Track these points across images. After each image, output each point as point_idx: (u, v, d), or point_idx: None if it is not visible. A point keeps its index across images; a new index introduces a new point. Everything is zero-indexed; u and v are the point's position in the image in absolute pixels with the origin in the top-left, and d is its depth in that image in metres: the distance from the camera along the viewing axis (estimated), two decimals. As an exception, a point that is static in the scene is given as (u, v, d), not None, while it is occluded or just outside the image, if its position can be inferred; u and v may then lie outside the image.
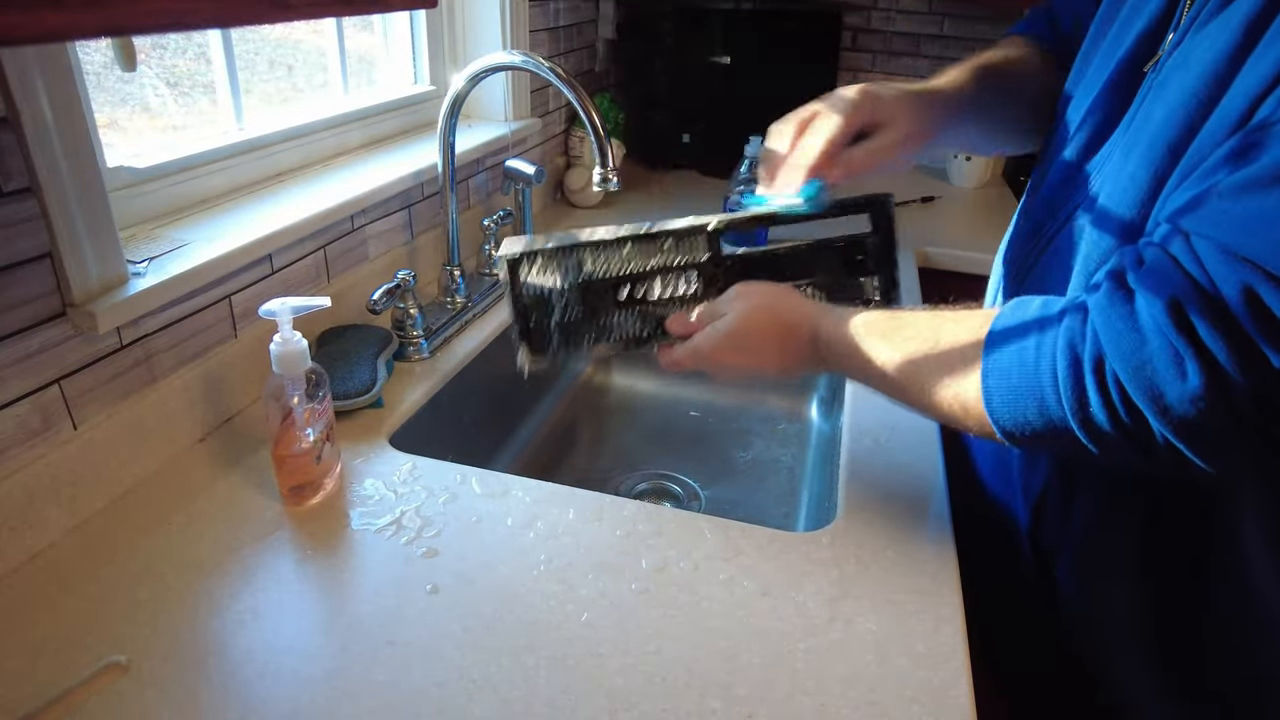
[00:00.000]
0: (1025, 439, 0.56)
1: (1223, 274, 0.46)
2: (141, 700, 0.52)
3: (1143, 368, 0.49)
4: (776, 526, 0.70)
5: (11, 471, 0.61)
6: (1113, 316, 0.51)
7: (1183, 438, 0.48)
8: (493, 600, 0.61)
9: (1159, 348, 0.48)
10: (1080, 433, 0.52)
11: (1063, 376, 0.52)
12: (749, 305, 0.69)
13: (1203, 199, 0.49)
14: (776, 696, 0.54)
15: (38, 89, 0.59)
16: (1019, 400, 0.55)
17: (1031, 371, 0.54)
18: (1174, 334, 0.47)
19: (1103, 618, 0.68)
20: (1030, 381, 0.54)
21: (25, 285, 0.61)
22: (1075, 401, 0.52)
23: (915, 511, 0.72)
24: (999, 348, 0.57)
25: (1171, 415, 0.48)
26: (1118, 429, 0.50)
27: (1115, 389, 0.50)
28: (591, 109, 0.87)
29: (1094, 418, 0.51)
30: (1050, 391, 0.53)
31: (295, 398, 0.66)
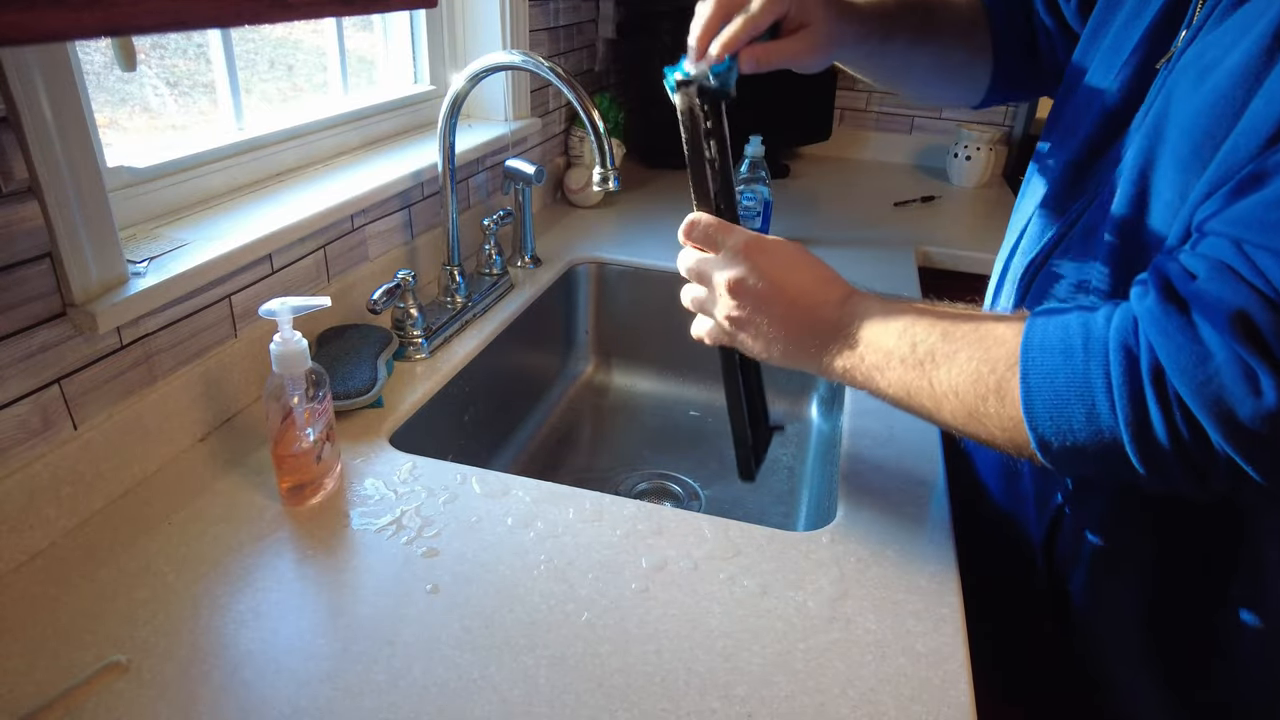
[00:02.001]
0: (1062, 451, 0.52)
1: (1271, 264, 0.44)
2: (141, 700, 0.52)
3: (1208, 384, 0.46)
4: (776, 526, 0.70)
5: (11, 471, 0.61)
6: (1170, 329, 0.48)
7: (1249, 456, 0.46)
8: (493, 600, 0.61)
9: (1226, 362, 0.45)
10: (1132, 447, 0.49)
11: (1118, 385, 0.49)
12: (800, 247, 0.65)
13: (1252, 207, 0.47)
14: (776, 696, 0.54)
15: (38, 89, 0.59)
16: (1064, 405, 0.51)
17: (1080, 376, 0.51)
18: (1243, 349, 0.45)
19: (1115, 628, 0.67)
20: (1078, 387, 0.51)
21: (25, 285, 0.61)
22: (1133, 413, 0.49)
23: (915, 511, 0.72)
24: (1040, 349, 0.53)
25: (1243, 433, 0.45)
26: (1176, 446, 0.48)
27: (1177, 405, 0.47)
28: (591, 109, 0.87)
29: (1153, 432, 0.48)
30: (1103, 399, 0.50)
31: (295, 397, 0.66)
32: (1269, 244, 0.46)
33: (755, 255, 0.62)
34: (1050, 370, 0.52)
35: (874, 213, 1.62)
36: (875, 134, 2.05)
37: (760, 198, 1.34)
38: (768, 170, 1.35)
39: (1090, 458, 0.51)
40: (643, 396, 1.28)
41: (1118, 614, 0.67)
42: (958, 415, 0.57)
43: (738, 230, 0.63)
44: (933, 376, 0.57)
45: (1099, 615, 0.68)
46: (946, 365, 0.56)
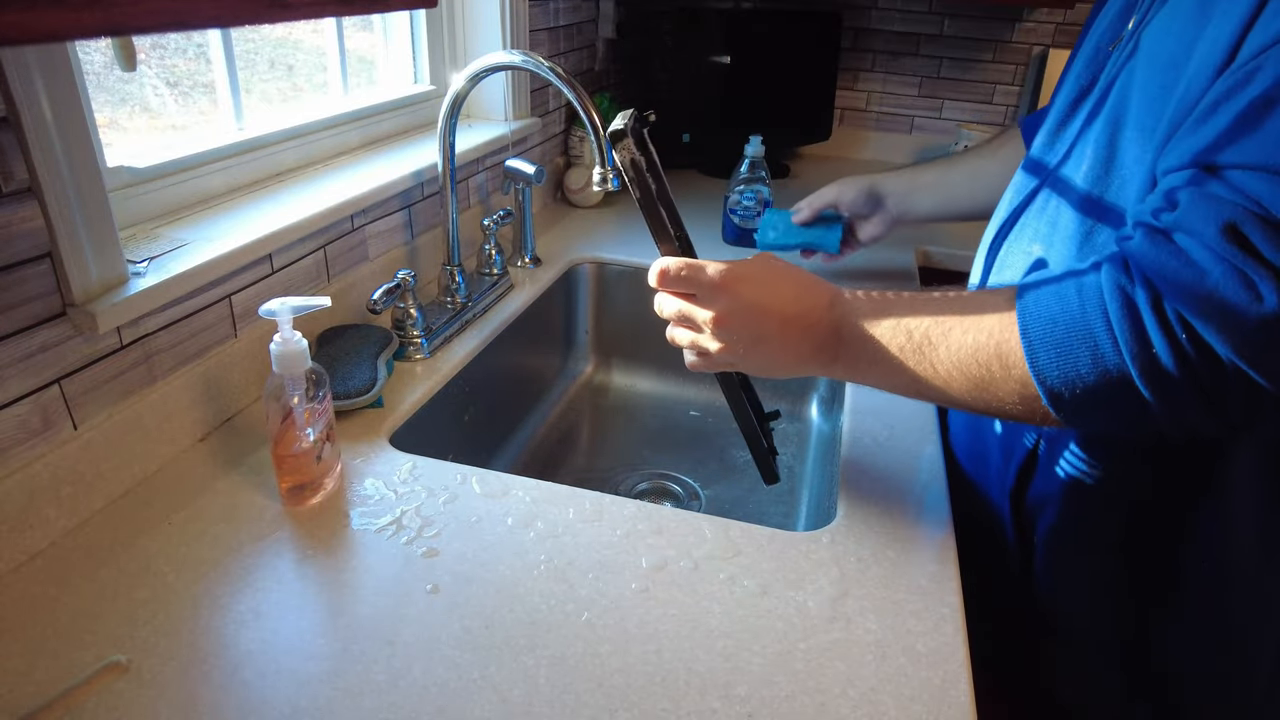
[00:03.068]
0: (1074, 401, 0.53)
1: (1269, 193, 0.46)
2: (141, 700, 0.52)
3: (1210, 298, 0.47)
4: (776, 526, 0.70)
5: (11, 471, 0.61)
6: (1162, 255, 0.49)
7: (1256, 362, 0.47)
8: (493, 600, 0.61)
9: (1224, 275, 0.47)
10: (1140, 379, 0.50)
11: (1117, 320, 0.50)
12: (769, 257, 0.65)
13: (1214, 133, 0.49)
14: (776, 696, 0.54)
15: (38, 89, 0.59)
16: (1068, 351, 0.52)
17: (1079, 320, 0.52)
18: (1238, 258, 0.46)
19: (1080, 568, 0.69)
20: (1079, 331, 0.52)
21: (25, 285, 0.61)
22: (1136, 344, 0.50)
23: (915, 511, 0.72)
24: (1035, 301, 0.54)
25: (1249, 340, 0.47)
26: (1184, 368, 0.49)
27: (1179, 325, 0.49)
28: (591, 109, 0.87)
29: (1158, 359, 0.49)
30: (1104, 337, 0.51)
31: (295, 398, 0.66)
32: (1240, 161, 0.48)
33: (734, 285, 0.62)
34: (1049, 321, 0.53)
35: (874, 213, 1.62)
36: (875, 134, 2.05)
37: (760, 198, 1.34)
38: (768, 170, 1.35)
39: (1102, 403, 0.52)
40: (643, 396, 1.28)
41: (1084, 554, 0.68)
42: (967, 391, 0.57)
43: (708, 266, 0.63)
44: (934, 359, 0.58)
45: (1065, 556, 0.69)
46: (944, 344, 0.57)
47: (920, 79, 1.98)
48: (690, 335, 0.66)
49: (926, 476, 0.77)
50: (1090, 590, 0.69)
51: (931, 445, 0.82)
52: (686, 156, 1.82)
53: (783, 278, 0.63)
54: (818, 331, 0.62)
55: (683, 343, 0.67)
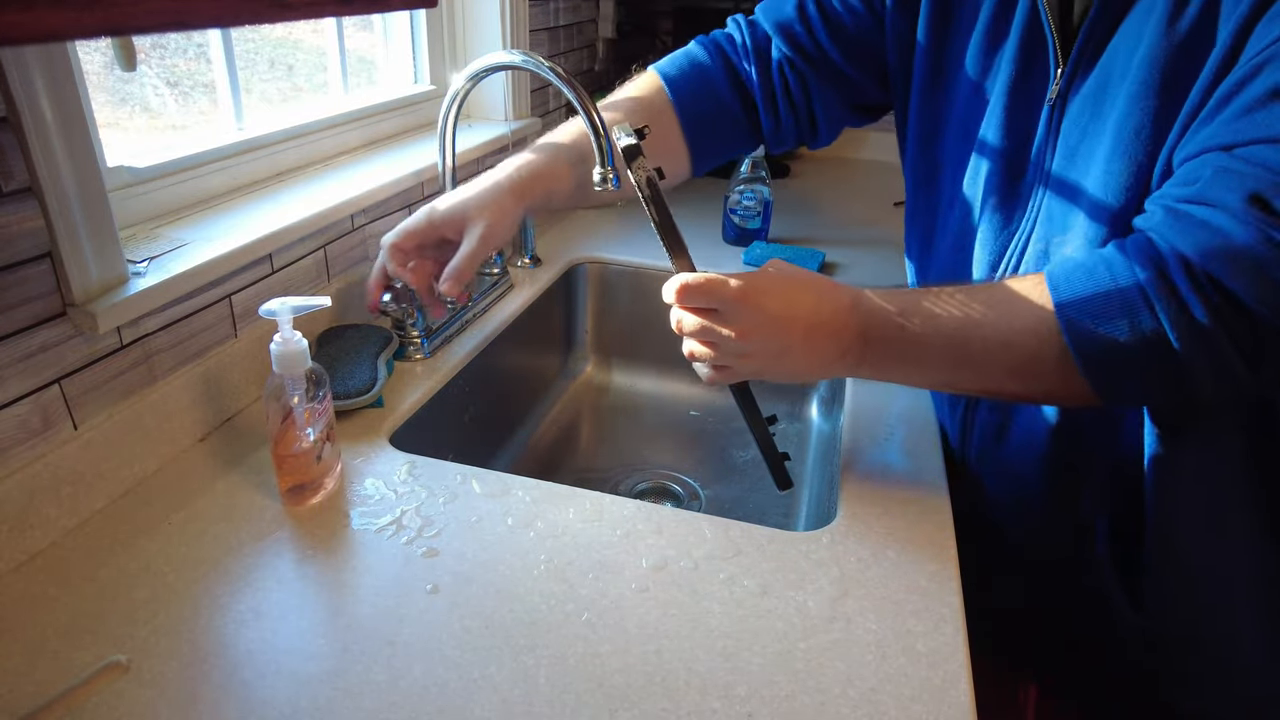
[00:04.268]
0: (1114, 373, 0.54)
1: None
2: (141, 700, 0.52)
3: (1239, 258, 0.49)
4: (776, 526, 0.70)
5: (11, 471, 0.61)
6: (1187, 227, 0.52)
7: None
8: (493, 600, 0.61)
9: (1251, 237, 0.49)
10: (1180, 342, 0.51)
11: (1151, 288, 0.52)
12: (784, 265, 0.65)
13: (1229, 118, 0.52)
14: (776, 696, 0.54)
15: (38, 89, 0.59)
16: (1106, 322, 0.53)
17: (1113, 292, 0.53)
18: (1264, 220, 0.49)
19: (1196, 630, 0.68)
20: (1115, 302, 0.53)
21: (25, 285, 0.61)
22: (1173, 308, 0.51)
23: (915, 511, 0.72)
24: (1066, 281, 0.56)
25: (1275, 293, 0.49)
26: (1221, 326, 0.50)
27: (1211, 286, 0.50)
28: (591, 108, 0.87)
29: (1196, 319, 0.51)
30: (1140, 305, 0.52)
31: (295, 397, 0.66)
32: (1257, 136, 0.50)
33: (756, 299, 0.62)
34: (1083, 297, 0.54)
35: (874, 213, 1.62)
36: (875, 134, 2.05)
37: (760, 198, 1.34)
38: (768, 170, 1.35)
39: (1140, 371, 0.54)
40: (643, 396, 1.28)
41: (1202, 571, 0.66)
42: (1005, 377, 0.58)
43: (729, 280, 0.63)
44: (968, 350, 0.58)
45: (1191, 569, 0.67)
46: (978, 334, 0.58)
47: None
48: (708, 352, 0.65)
49: (926, 476, 0.77)
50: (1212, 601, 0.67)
51: (932, 445, 0.82)
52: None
53: (803, 286, 0.63)
54: (843, 336, 0.62)
55: (702, 357, 0.66)
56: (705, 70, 0.86)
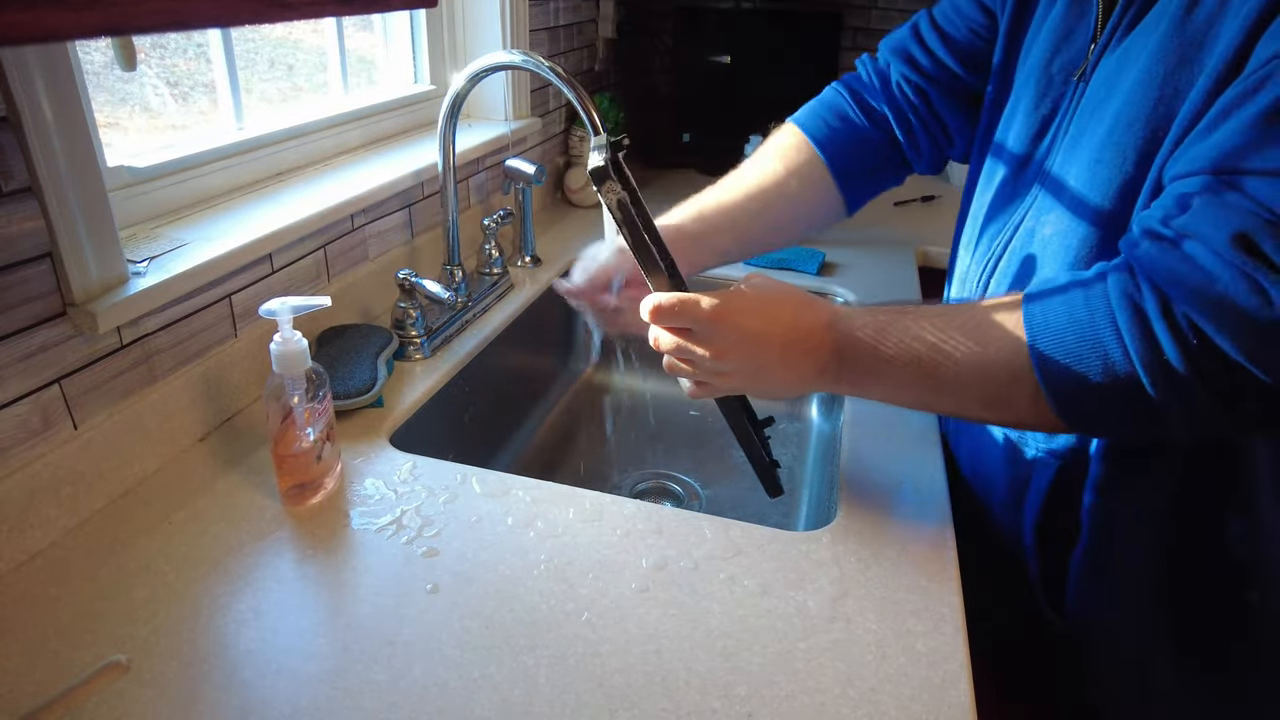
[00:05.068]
0: (1084, 410, 0.54)
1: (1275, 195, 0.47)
2: (141, 700, 0.52)
3: (1219, 302, 0.48)
4: (776, 526, 0.70)
5: (11, 471, 0.61)
6: (1171, 261, 0.50)
7: (1267, 364, 0.48)
8: (493, 599, 0.61)
9: (1233, 279, 0.48)
10: (1151, 384, 0.50)
11: (1126, 328, 0.51)
12: (762, 281, 0.65)
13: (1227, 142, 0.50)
14: (776, 696, 0.54)
15: (38, 89, 0.59)
16: (1079, 360, 0.52)
17: (1087, 329, 0.52)
18: (1247, 264, 0.47)
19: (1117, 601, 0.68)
20: (1088, 339, 0.52)
21: (25, 285, 0.61)
22: (1146, 349, 0.50)
23: (915, 511, 0.72)
24: (1042, 313, 0.55)
25: (1259, 342, 0.47)
26: (1194, 370, 0.49)
27: (1189, 329, 0.49)
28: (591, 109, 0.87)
29: (1168, 361, 0.50)
30: (1114, 345, 0.51)
31: (295, 397, 0.66)
32: (1253, 167, 0.48)
33: (730, 318, 0.61)
34: (1057, 331, 0.53)
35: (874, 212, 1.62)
36: (875, 134, 2.05)
37: (760, 197, 1.33)
38: (768, 170, 1.35)
39: (1113, 410, 0.53)
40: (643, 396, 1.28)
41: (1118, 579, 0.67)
42: (977, 404, 0.58)
43: (701, 300, 0.62)
44: (941, 375, 0.58)
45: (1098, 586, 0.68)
46: (951, 361, 0.57)
47: None
48: (687, 369, 0.65)
49: (926, 476, 0.77)
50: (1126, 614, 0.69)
51: (932, 446, 0.82)
52: (686, 156, 1.82)
53: (779, 303, 0.63)
54: (820, 354, 0.62)
55: (682, 374, 0.66)
56: (837, 106, 0.88)
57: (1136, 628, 0.68)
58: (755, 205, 0.83)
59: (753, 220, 0.84)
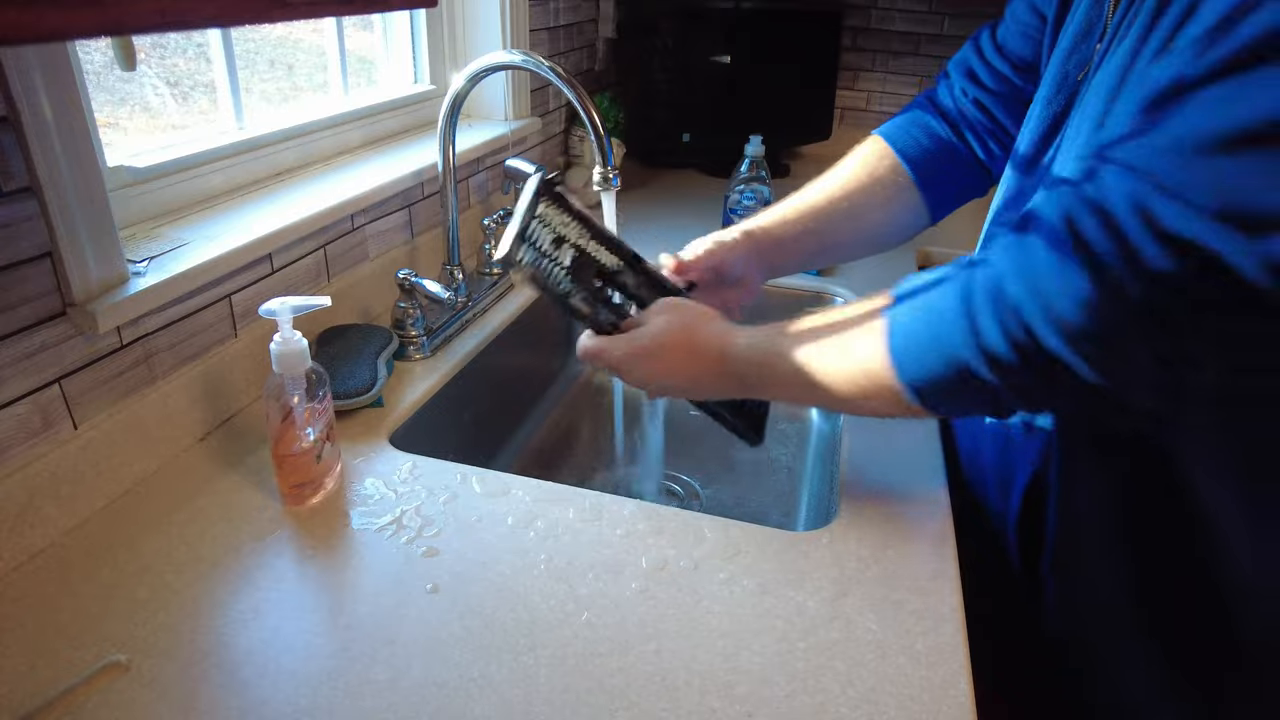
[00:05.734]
0: (932, 390, 0.57)
1: (1115, 185, 0.48)
2: (141, 700, 0.52)
3: (1034, 279, 0.50)
4: (776, 526, 0.70)
5: (11, 471, 0.61)
6: (1009, 243, 0.53)
7: (1076, 349, 0.49)
8: (493, 599, 0.61)
9: (1048, 258, 0.50)
10: (979, 363, 0.53)
11: (959, 313, 0.54)
12: (667, 321, 0.70)
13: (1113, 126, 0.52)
14: (776, 695, 0.54)
15: (38, 89, 0.59)
16: (924, 348, 0.56)
17: (936, 317, 0.56)
18: (1063, 242, 0.49)
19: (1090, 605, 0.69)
20: (934, 327, 0.56)
21: (25, 285, 0.61)
22: (971, 330, 0.53)
23: (915, 511, 0.72)
24: (904, 309, 0.59)
25: (1061, 323, 0.49)
26: (1014, 349, 0.51)
27: (1009, 310, 0.51)
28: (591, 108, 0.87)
29: (987, 342, 0.52)
30: (952, 329, 0.54)
31: (295, 397, 0.66)
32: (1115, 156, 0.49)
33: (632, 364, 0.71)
34: (909, 321, 0.58)
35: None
36: (875, 134, 2.05)
37: (760, 197, 1.34)
38: (768, 170, 1.35)
39: (959, 393, 0.56)
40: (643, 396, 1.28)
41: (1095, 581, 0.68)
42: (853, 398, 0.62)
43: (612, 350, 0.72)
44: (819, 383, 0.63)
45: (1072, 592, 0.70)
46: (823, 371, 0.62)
47: (920, 79, 1.98)
48: None
49: (926, 476, 0.77)
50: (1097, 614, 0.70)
51: (932, 445, 0.82)
52: (686, 156, 1.82)
53: (672, 348, 0.69)
54: (724, 382, 0.69)
55: None
56: (918, 118, 0.90)
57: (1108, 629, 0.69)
58: (844, 207, 0.86)
59: (842, 223, 0.86)
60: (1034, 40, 0.79)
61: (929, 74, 1.97)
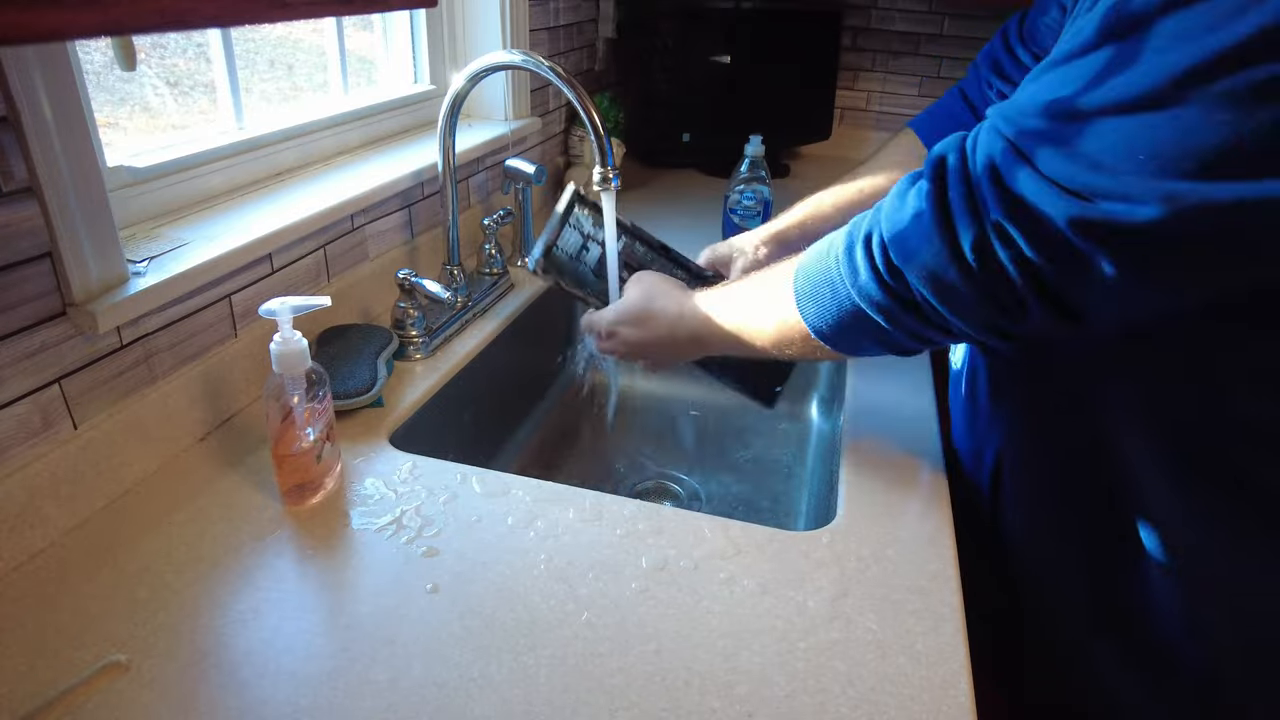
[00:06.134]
0: (831, 330, 0.62)
1: (983, 139, 0.52)
2: (141, 700, 0.52)
3: (899, 221, 0.55)
4: (776, 526, 0.70)
5: (12, 471, 0.61)
6: (894, 192, 0.57)
7: (929, 287, 0.54)
8: (493, 599, 0.61)
9: (914, 202, 0.54)
10: (861, 302, 0.58)
11: (843, 256, 0.60)
12: (635, 291, 0.82)
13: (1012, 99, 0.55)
14: (776, 695, 0.54)
15: (38, 89, 0.59)
16: (818, 291, 0.62)
17: (824, 262, 0.62)
18: (927, 185, 0.53)
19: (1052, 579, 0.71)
20: (823, 272, 0.62)
21: (25, 285, 0.61)
22: (851, 273, 0.59)
23: (915, 511, 0.72)
24: (808, 258, 0.65)
25: (915, 262, 0.54)
26: (884, 290, 0.57)
27: (879, 250, 0.56)
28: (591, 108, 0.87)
29: (865, 284, 0.58)
30: (835, 272, 0.60)
31: (295, 397, 0.66)
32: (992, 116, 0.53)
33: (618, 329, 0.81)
34: (809, 271, 0.64)
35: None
36: (875, 133, 2.05)
37: (760, 197, 1.34)
38: (768, 170, 1.35)
39: (850, 329, 0.61)
40: (643, 396, 1.28)
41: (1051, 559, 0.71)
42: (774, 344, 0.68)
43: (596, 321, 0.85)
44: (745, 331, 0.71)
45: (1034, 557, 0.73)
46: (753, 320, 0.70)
47: (920, 79, 1.98)
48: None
49: (926, 476, 0.77)
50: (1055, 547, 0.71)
51: (931, 445, 0.82)
52: (686, 156, 1.82)
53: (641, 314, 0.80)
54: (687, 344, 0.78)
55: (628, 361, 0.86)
56: (948, 108, 0.94)
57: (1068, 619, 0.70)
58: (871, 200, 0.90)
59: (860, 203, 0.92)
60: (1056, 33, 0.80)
61: (929, 74, 1.97)
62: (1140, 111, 0.45)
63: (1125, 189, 0.45)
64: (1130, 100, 0.45)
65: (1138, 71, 0.45)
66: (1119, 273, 0.47)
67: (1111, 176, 0.46)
